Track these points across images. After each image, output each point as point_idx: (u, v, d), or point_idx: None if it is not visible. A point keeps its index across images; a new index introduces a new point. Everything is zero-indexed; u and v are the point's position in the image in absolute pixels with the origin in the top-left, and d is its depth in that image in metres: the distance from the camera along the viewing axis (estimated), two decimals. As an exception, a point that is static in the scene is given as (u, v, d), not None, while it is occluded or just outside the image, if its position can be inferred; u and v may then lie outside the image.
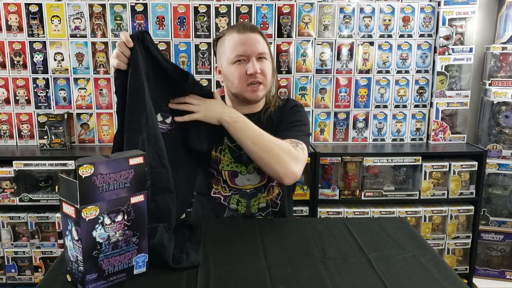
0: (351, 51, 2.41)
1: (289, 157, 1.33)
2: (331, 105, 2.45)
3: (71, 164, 2.17)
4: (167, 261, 1.08)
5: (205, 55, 2.36)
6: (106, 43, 2.33)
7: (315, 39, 2.38)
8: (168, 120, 1.35)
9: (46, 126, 2.29)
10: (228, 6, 2.32)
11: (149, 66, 1.26)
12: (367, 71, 2.43)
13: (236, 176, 1.49)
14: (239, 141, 1.37)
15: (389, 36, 2.41)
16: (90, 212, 0.94)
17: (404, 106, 2.48)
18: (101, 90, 2.37)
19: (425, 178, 2.32)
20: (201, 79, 2.37)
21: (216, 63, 1.54)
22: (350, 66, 2.42)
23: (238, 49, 1.41)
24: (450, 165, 2.32)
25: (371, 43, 2.41)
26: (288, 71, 2.39)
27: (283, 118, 1.51)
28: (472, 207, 2.37)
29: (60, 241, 2.25)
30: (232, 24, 2.32)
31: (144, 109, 1.22)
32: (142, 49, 1.24)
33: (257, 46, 1.42)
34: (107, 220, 0.97)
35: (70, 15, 2.30)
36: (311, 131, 2.36)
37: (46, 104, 2.37)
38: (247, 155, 1.39)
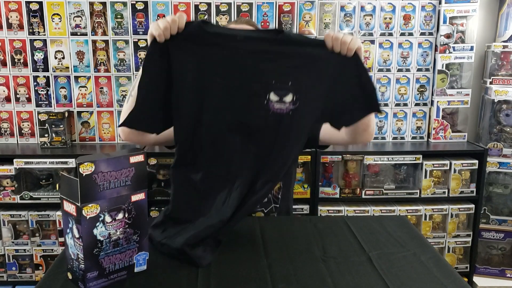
0: (351, 49, 2.40)
1: None
2: (331, 103, 2.44)
3: (71, 162, 2.17)
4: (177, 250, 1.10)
5: (206, 53, 2.35)
6: (106, 41, 2.32)
7: (315, 37, 2.37)
8: (288, 98, 1.13)
9: (46, 124, 2.29)
10: (229, 4, 2.31)
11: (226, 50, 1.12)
12: (368, 70, 2.43)
13: None
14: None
15: (390, 34, 2.40)
16: (91, 210, 0.94)
17: (405, 105, 2.48)
18: (102, 88, 2.37)
19: (425, 177, 2.32)
20: (201, 77, 2.37)
21: None
22: (350, 64, 2.41)
23: None
24: (450, 164, 2.32)
25: (372, 41, 2.40)
26: (289, 70, 2.39)
27: None
28: (472, 206, 2.36)
29: (61, 239, 2.26)
30: (232, 22, 2.32)
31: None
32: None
33: None
34: (108, 218, 0.97)
35: (71, 13, 2.29)
36: None
37: (47, 102, 2.37)
38: None
